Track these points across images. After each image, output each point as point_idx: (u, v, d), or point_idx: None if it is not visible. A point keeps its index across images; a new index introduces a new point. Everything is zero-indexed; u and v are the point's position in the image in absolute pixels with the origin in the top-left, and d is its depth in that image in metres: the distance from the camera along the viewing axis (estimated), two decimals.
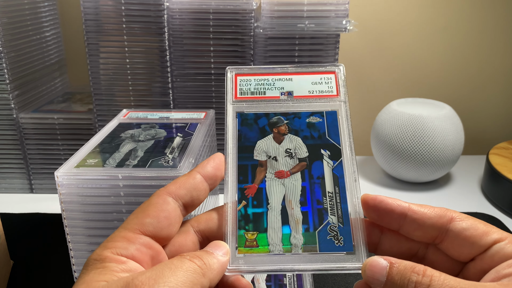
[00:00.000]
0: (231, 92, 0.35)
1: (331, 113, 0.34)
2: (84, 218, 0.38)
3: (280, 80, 0.36)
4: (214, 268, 0.23)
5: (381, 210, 0.26)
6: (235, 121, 0.34)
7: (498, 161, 0.66)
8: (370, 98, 0.86)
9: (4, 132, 0.66)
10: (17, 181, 0.68)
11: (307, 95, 0.35)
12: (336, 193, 0.29)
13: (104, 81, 0.63)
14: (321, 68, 0.36)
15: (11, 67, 0.63)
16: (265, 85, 0.36)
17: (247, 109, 0.34)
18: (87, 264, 0.23)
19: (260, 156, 0.32)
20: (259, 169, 0.31)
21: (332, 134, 0.33)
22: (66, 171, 0.38)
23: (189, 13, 0.60)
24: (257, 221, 0.28)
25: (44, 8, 0.72)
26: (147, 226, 0.24)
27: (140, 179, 0.37)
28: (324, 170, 0.31)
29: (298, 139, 0.33)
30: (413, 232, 0.26)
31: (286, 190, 0.30)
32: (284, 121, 0.34)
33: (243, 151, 0.32)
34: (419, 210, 0.25)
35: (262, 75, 0.36)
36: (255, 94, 0.35)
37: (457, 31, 0.81)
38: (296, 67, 0.36)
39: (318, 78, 0.36)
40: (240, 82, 0.36)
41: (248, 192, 0.30)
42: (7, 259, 0.49)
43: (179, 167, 0.38)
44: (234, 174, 0.30)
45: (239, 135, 0.33)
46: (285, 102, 0.35)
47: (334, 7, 0.60)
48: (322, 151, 0.32)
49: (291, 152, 0.32)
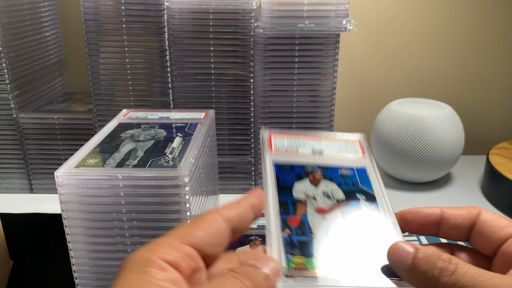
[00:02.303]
0: (267, 146, 0.40)
1: (361, 169, 0.38)
2: (84, 218, 0.38)
3: (310, 141, 0.41)
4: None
5: (419, 220, 0.27)
6: (272, 168, 0.37)
7: (498, 161, 0.66)
8: (370, 98, 0.86)
9: (4, 132, 0.66)
10: (17, 181, 0.68)
11: (337, 155, 0.39)
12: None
13: (104, 81, 0.63)
14: (345, 137, 0.42)
15: (11, 67, 0.63)
16: (297, 143, 0.40)
17: (283, 160, 0.38)
18: (128, 264, 0.22)
19: (299, 195, 0.35)
20: (300, 204, 0.34)
21: (364, 183, 0.36)
22: (66, 171, 0.38)
23: (189, 13, 0.60)
24: (303, 247, 0.30)
25: (44, 8, 0.72)
26: (196, 239, 0.24)
27: (140, 179, 0.37)
28: (362, 209, 0.34)
29: (334, 184, 0.36)
30: (449, 232, 0.27)
31: (328, 224, 0.33)
32: (319, 170, 0.37)
33: (282, 189, 0.35)
34: (451, 211, 0.27)
35: (294, 135, 0.41)
36: (289, 150, 0.40)
37: (457, 31, 0.81)
38: (323, 133, 0.42)
39: (344, 144, 0.41)
40: (275, 140, 0.41)
41: (291, 222, 0.32)
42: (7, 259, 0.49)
43: (179, 167, 0.38)
44: (276, 206, 0.33)
45: (277, 178, 0.36)
46: (317, 157, 0.39)
47: (334, 7, 0.60)
48: (357, 194, 0.35)
49: (329, 194, 0.35)
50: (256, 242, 0.52)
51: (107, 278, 0.40)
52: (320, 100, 0.64)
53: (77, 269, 0.40)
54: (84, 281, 0.41)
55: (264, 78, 0.63)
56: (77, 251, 0.39)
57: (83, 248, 0.39)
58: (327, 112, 0.64)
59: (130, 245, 0.39)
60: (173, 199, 0.38)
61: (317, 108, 0.64)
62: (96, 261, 0.40)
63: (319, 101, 0.64)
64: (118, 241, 0.39)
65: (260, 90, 0.64)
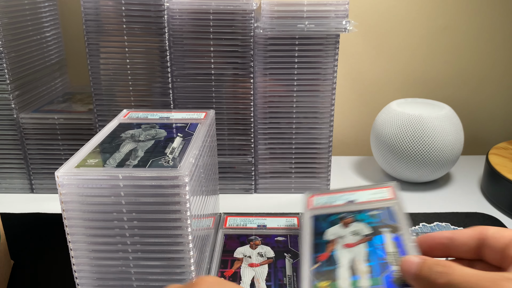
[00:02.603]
0: (305, 205, 0.48)
1: (388, 208, 0.44)
2: (85, 218, 0.39)
3: (346, 193, 0.49)
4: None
5: (429, 242, 0.31)
6: (309, 220, 0.45)
7: (498, 161, 0.67)
8: (370, 98, 0.86)
9: (5, 132, 0.66)
10: (18, 181, 0.69)
11: (368, 201, 0.46)
12: (396, 252, 0.37)
13: (105, 81, 0.63)
14: (379, 185, 0.49)
15: (11, 67, 0.64)
16: (334, 197, 0.49)
17: (320, 212, 0.46)
18: None
19: (330, 237, 0.42)
20: (330, 244, 0.41)
21: (390, 219, 0.43)
22: (66, 171, 0.38)
23: (189, 14, 0.60)
24: (329, 274, 0.37)
25: (45, 9, 0.73)
26: None
27: (140, 179, 0.37)
28: (385, 239, 0.40)
29: (362, 223, 0.43)
30: (459, 252, 0.30)
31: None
32: (350, 215, 0.45)
33: (317, 235, 0.43)
34: (459, 231, 0.29)
35: (333, 193, 0.49)
36: (327, 204, 0.48)
37: (457, 31, 0.81)
38: (359, 186, 0.49)
39: (378, 190, 0.48)
40: (316, 199, 0.50)
41: (321, 258, 0.40)
42: (8, 259, 0.49)
43: (179, 167, 0.38)
44: (308, 248, 0.41)
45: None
46: (349, 205, 0.47)
47: (334, 7, 0.60)
48: (383, 228, 0.42)
49: (357, 232, 0.42)
50: (256, 241, 0.52)
51: (107, 278, 0.41)
52: (320, 100, 0.64)
53: (77, 269, 0.40)
54: (84, 281, 0.41)
55: (264, 78, 0.63)
56: (78, 251, 0.39)
57: (84, 248, 0.39)
58: (327, 112, 0.64)
59: (130, 245, 0.39)
60: (173, 199, 0.38)
61: (317, 108, 0.64)
62: (96, 261, 0.40)
63: (319, 101, 0.64)
64: (119, 241, 0.39)
65: (260, 90, 0.64)
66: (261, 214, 0.59)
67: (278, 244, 0.52)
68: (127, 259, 0.40)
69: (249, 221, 0.58)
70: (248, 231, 0.55)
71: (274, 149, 0.67)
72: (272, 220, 0.58)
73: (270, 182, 0.69)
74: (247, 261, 0.49)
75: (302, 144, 0.66)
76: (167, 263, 0.40)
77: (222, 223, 0.57)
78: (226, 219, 0.58)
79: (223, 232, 0.55)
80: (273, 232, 0.55)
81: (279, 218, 0.58)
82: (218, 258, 0.50)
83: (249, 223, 0.57)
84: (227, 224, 0.57)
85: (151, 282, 0.41)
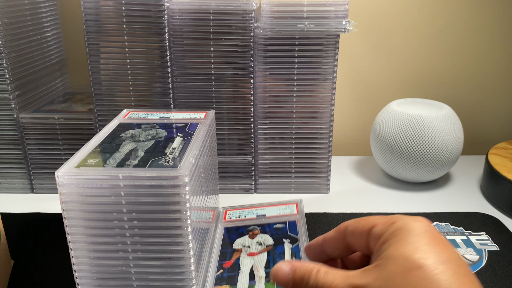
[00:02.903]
0: (221, 218, 0.56)
1: (292, 222, 0.54)
2: (85, 218, 0.39)
3: (256, 209, 0.58)
4: None
5: (313, 251, 0.31)
6: (221, 231, 0.54)
7: (498, 161, 0.67)
8: (369, 98, 0.86)
9: (5, 132, 0.66)
10: (18, 181, 0.69)
11: (276, 215, 0.56)
12: (294, 259, 0.44)
13: (105, 81, 0.63)
14: (287, 201, 0.59)
15: (11, 67, 0.64)
16: (245, 212, 0.58)
17: (232, 225, 0.55)
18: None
19: (237, 246, 0.50)
20: (236, 252, 0.49)
21: (292, 231, 0.52)
22: (66, 171, 0.38)
23: (189, 14, 0.60)
24: (230, 279, 0.45)
25: (45, 9, 0.73)
26: None
27: (140, 179, 0.37)
28: (285, 249, 0.49)
29: (267, 235, 0.52)
30: (338, 252, 0.29)
31: (255, 262, 0.47)
32: (257, 228, 0.53)
33: (225, 244, 0.51)
34: (327, 234, 0.29)
35: (244, 209, 0.59)
36: (239, 218, 0.56)
37: (457, 31, 0.81)
38: (269, 203, 0.60)
39: (284, 207, 0.58)
40: (229, 213, 0.58)
41: (225, 265, 0.47)
42: (8, 259, 0.49)
43: (179, 167, 0.39)
44: (217, 256, 0.49)
45: (224, 237, 0.52)
46: (259, 219, 0.56)
47: (334, 8, 0.60)
48: (284, 240, 0.51)
49: (261, 242, 0.50)
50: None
51: (107, 278, 0.41)
52: (320, 100, 0.64)
53: (78, 268, 0.40)
54: (84, 281, 0.41)
55: (264, 78, 0.63)
56: (78, 250, 0.40)
57: (84, 248, 0.40)
58: (327, 112, 0.64)
59: (130, 245, 0.39)
60: (173, 199, 0.38)
61: (317, 108, 0.64)
62: (96, 261, 0.40)
63: (319, 101, 0.64)
64: (119, 240, 0.39)
65: (260, 90, 0.64)
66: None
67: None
68: (127, 259, 0.40)
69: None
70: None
71: (274, 149, 0.67)
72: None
73: (270, 182, 0.69)
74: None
75: (302, 144, 0.66)
76: (167, 263, 0.40)
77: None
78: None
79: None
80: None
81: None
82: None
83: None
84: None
85: (151, 282, 0.41)
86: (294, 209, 0.58)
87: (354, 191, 0.70)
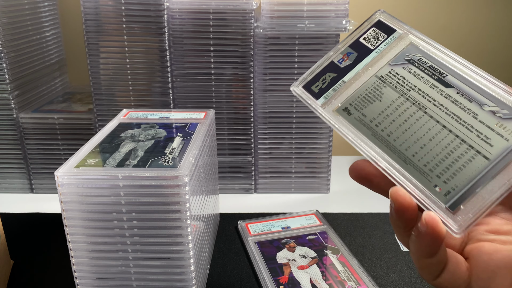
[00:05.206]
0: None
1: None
2: (84, 218, 0.38)
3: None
4: None
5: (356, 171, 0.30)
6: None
7: None
8: None
9: (4, 132, 0.66)
10: (17, 181, 0.68)
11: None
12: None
13: (104, 81, 0.63)
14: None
15: (11, 67, 0.64)
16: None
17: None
18: None
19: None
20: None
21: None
22: (66, 171, 0.38)
23: (189, 13, 0.60)
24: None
25: (44, 8, 0.73)
26: None
27: (140, 179, 0.37)
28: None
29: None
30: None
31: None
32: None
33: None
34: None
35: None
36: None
37: (457, 31, 0.81)
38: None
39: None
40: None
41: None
42: (7, 259, 0.49)
43: (179, 167, 0.38)
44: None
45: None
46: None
47: (334, 7, 0.60)
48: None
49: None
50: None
51: (107, 278, 0.41)
52: None
53: (77, 268, 0.40)
54: (84, 281, 0.41)
55: (264, 78, 0.63)
56: (77, 250, 0.39)
57: (83, 248, 0.39)
58: None
59: (130, 245, 0.39)
60: (173, 199, 0.38)
61: None
62: (96, 261, 0.40)
63: None
64: (118, 240, 0.39)
65: (260, 90, 0.64)
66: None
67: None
68: (127, 259, 0.40)
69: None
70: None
71: (274, 149, 0.67)
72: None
73: (270, 182, 0.69)
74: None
75: (302, 144, 0.66)
76: (167, 263, 0.40)
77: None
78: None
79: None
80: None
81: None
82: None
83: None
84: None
85: (151, 282, 0.41)
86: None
87: (354, 191, 0.70)
